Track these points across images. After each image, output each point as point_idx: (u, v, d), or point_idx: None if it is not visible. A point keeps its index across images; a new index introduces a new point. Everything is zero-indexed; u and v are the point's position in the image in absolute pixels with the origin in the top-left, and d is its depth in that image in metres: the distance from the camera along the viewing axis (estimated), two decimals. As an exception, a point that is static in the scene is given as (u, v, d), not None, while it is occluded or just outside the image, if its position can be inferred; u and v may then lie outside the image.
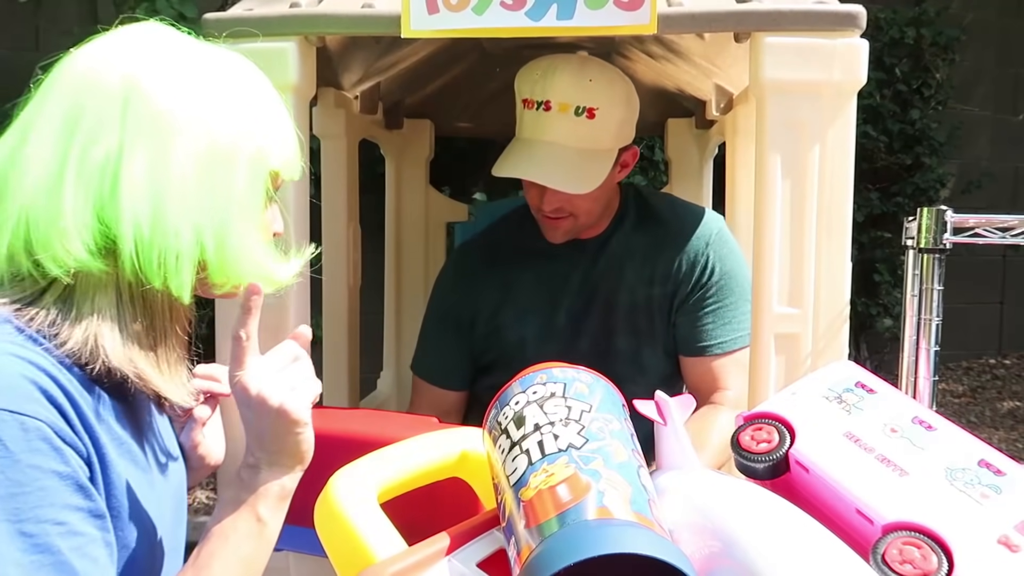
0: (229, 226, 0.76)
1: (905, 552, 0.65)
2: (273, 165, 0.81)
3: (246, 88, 0.81)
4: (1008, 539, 0.65)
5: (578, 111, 1.41)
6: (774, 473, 0.76)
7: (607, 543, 0.63)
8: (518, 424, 0.80)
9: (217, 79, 0.79)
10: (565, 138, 1.41)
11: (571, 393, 0.81)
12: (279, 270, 0.83)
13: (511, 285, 1.56)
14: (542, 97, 1.41)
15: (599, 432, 0.75)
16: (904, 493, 0.69)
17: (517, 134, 1.46)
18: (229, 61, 0.83)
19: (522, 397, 0.82)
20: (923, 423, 0.75)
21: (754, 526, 0.63)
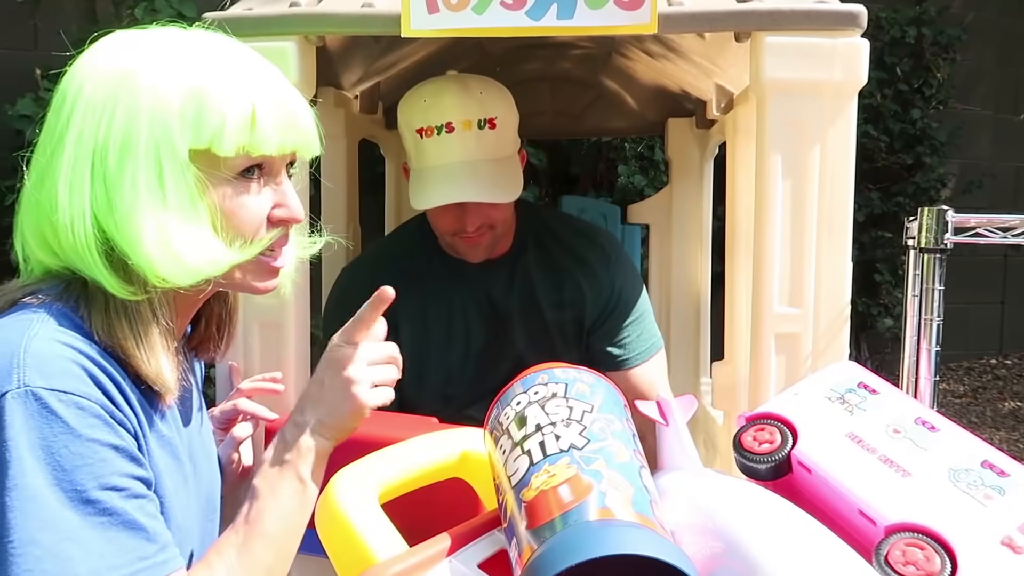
0: (125, 214, 0.74)
1: (908, 553, 0.64)
2: (195, 145, 0.75)
3: (161, 75, 0.76)
4: (1011, 540, 0.65)
5: (480, 124, 1.40)
6: (776, 474, 0.76)
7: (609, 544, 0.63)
8: (520, 424, 0.79)
9: (124, 77, 0.75)
10: (476, 153, 1.39)
11: (573, 393, 0.80)
12: (205, 262, 0.76)
13: (414, 306, 1.49)
14: (440, 120, 1.38)
15: (601, 433, 0.75)
16: (907, 494, 0.69)
17: (418, 164, 1.41)
18: (160, 53, 0.78)
19: (523, 397, 0.82)
20: (926, 424, 0.75)
21: (756, 527, 0.63)
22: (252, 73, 0.79)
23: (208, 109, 0.75)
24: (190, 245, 0.75)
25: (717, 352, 1.87)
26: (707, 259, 2.09)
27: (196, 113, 0.75)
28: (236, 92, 0.76)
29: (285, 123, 0.79)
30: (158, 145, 0.74)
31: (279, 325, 1.21)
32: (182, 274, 0.76)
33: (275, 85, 0.81)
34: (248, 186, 0.79)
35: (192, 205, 0.76)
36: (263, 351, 1.22)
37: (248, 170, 0.79)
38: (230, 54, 0.80)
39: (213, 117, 0.75)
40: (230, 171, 0.77)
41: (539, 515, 0.69)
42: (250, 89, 0.77)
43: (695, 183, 2.10)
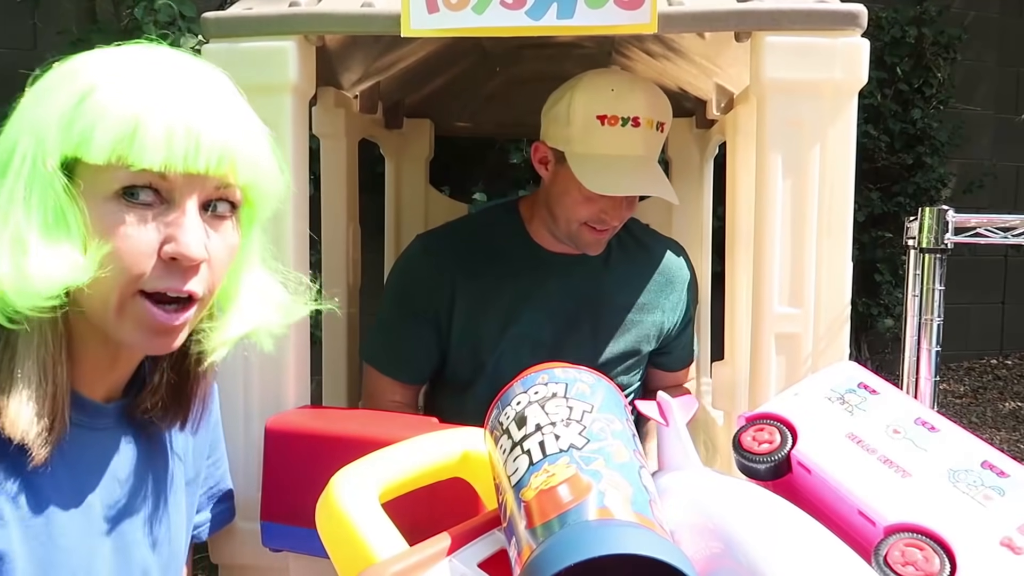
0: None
1: (907, 554, 0.64)
2: (67, 148, 0.66)
3: (63, 84, 0.68)
4: (1011, 541, 0.65)
5: (658, 126, 1.46)
6: (776, 474, 0.76)
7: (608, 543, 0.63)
8: (519, 424, 0.79)
9: (36, 88, 0.69)
10: (651, 151, 1.45)
11: (573, 393, 0.80)
12: (41, 273, 0.64)
13: (490, 288, 1.53)
14: (630, 113, 1.41)
15: (600, 432, 0.75)
16: (906, 494, 0.69)
17: (588, 149, 1.43)
18: (78, 66, 0.70)
19: (524, 397, 0.81)
20: (926, 424, 0.75)
21: (756, 527, 0.63)
22: (164, 82, 0.69)
23: (86, 110, 0.66)
24: (42, 263, 0.64)
25: (717, 352, 1.87)
26: (707, 259, 2.09)
27: (73, 114, 0.66)
28: (125, 95, 0.66)
29: (179, 138, 0.67)
30: (31, 155, 0.66)
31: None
32: (27, 296, 0.65)
33: (184, 99, 0.69)
34: (132, 209, 0.68)
35: (56, 221, 0.65)
36: (263, 351, 1.21)
37: (134, 190, 0.68)
38: (133, 59, 0.70)
39: (87, 118, 0.66)
40: (111, 187, 0.67)
41: (538, 515, 0.68)
42: (142, 97, 0.67)
43: (695, 183, 2.10)
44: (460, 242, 1.57)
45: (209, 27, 1.20)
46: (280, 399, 1.22)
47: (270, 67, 1.18)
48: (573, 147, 1.44)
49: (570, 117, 1.45)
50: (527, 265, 1.54)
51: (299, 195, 1.22)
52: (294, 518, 1.12)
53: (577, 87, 1.46)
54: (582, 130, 1.43)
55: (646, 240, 1.67)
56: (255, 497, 1.19)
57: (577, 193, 1.45)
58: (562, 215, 1.49)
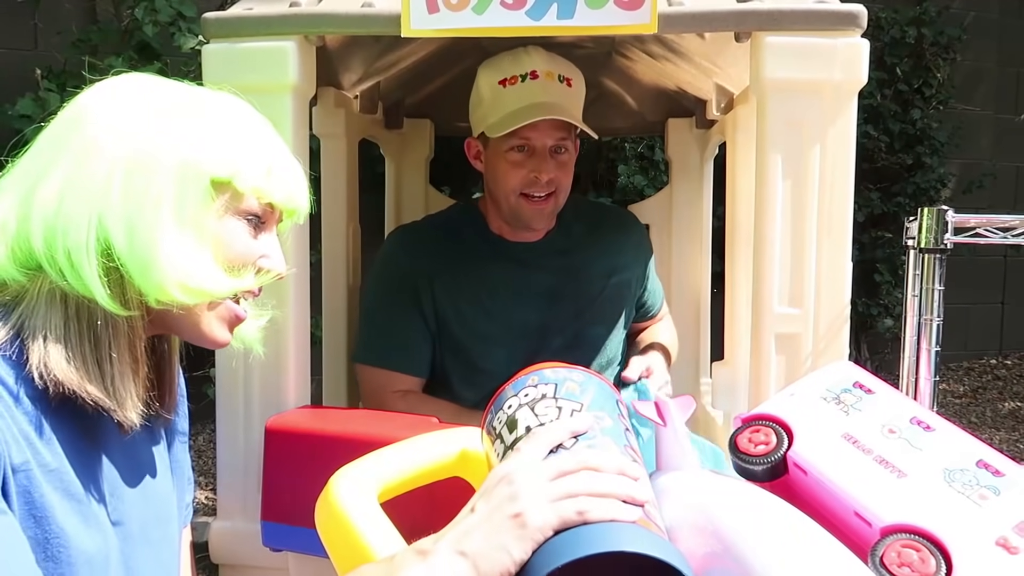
0: (141, 222, 0.75)
1: (903, 555, 0.64)
2: (218, 174, 0.80)
3: (193, 110, 0.82)
4: (1007, 540, 0.65)
5: (560, 78, 1.50)
6: (772, 475, 0.76)
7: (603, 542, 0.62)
8: (511, 428, 0.79)
9: (157, 105, 0.80)
10: (556, 98, 1.48)
11: (562, 393, 0.80)
12: (209, 283, 0.79)
13: (470, 279, 1.55)
14: (525, 70, 1.46)
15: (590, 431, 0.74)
16: (902, 495, 0.69)
17: (498, 113, 1.47)
18: (188, 94, 0.84)
19: (514, 400, 0.81)
20: (921, 423, 0.75)
21: (754, 527, 0.63)
22: (267, 130, 0.87)
23: (233, 145, 0.81)
24: (198, 266, 0.78)
25: (717, 352, 1.87)
26: (707, 259, 2.09)
27: (222, 146, 0.80)
28: (258, 141, 0.84)
29: (292, 181, 0.86)
30: (186, 167, 0.78)
31: (279, 325, 1.21)
32: (189, 292, 0.77)
33: (285, 150, 0.88)
34: (249, 229, 0.84)
35: (204, 231, 0.79)
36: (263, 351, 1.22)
37: (254, 216, 0.84)
38: (249, 112, 0.87)
39: (238, 153, 0.81)
40: (239, 210, 0.82)
41: None
42: (268, 143, 0.85)
43: (695, 183, 2.10)
44: (433, 236, 1.60)
45: (209, 27, 1.20)
46: (280, 399, 1.22)
47: (270, 67, 1.18)
48: (488, 120, 1.49)
49: (481, 96, 1.52)
50: (494, 258, 1.57)
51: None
52: (294, 518, 1.12)
53: (481, 70, 1.53)
54: (491, 102, 1.49)
55: (596, 212, 1.73)
56: (255, 497, 1.19)
57: (504, 163, 1.49)
58: (500, 194, 1.52)
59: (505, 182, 1.50)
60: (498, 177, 1.51)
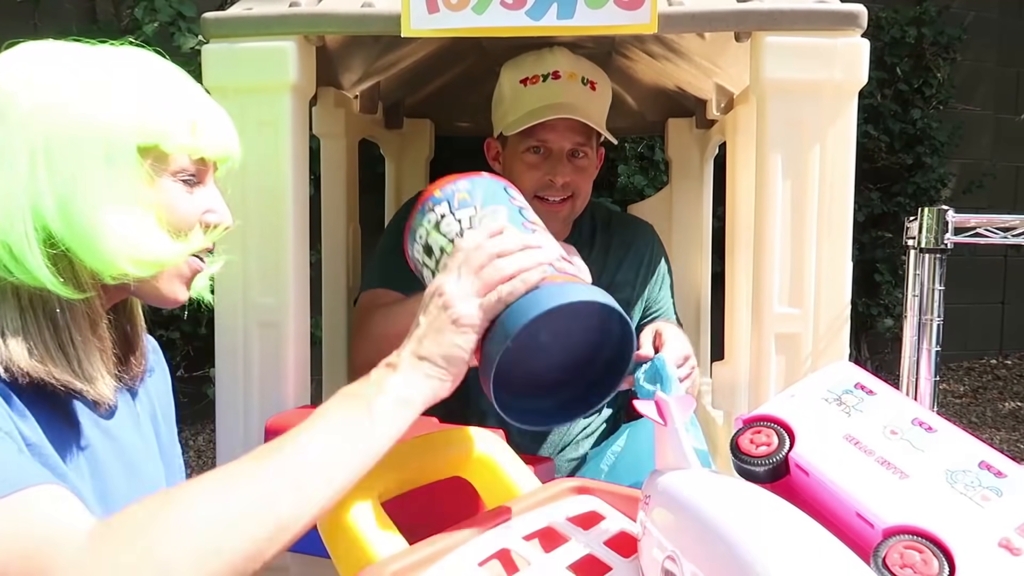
0: (76, 203, 0.74)
1: (906, 556, 0.64)
2: (143, 141, 0.78)
3: (104, 78, 0.79)
4: (1009, 542, 0.65)
5: (583, 81, 1.47)
6: (774, 477, 0.75)
7: (524, 315, 0.75)
8: (428, 253, 0.90)
9: (66, 78, 0.77)
10: (577, 100, 1.45)
11: (456, 206, 0.89)
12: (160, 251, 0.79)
13: None
14: (548, 69, 1.44)
15: (491, 225, 0.86)
16: (904, 496, 0.69)
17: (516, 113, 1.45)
18: (95, 60, 0.80)
19: (422, 230, 0.91)
20: (923, 424, 0.75)
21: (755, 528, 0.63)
22: (189, 85, 0.85)
23: (154, 109, 0.79)
24: (146, 236, 0.78)
25: (717, 352, 1.87)
26: (707, 259, 2.09)
27: (143, 112, 0.78)
28: (178, 98, 0.82)
29: (219, 133, 0.85)
30: (109, 140, 0.76)
31: (279, 325, 1.21)
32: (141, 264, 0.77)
33: (209, 100, 0.86)
34: (187, 188, 0.83)
35: (143, 198, 0.78)
36: (262, 351, 1.22)
37: (188, 174, 0.82)
38: (167, 68, 0.85)
39: (159, 116, 0.79)
40: (172, 171, 0.81)
41: None
42: (190, 100, 0.83)
43: (695, 183, 2.10)
44: None
45: (209, 27, 1.20)
46: (280, 399, 1.22)
47: (270, 67, 1.18)
48: (507, 119, 1.48)
49: (502, 95, 1.50)
50: None
51: (299, 195, 1.22)
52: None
53: (504, 69, 1.51)
54: (511, 100, 1.47)
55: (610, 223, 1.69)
56: (255, 497, 1.19)
57: (520, 164, 1.47)
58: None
59: (520, 183, 1.47)
60: (513, 178, 1.48)
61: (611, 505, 0.87)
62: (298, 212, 1.22)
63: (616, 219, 1.71)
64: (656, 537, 0.70)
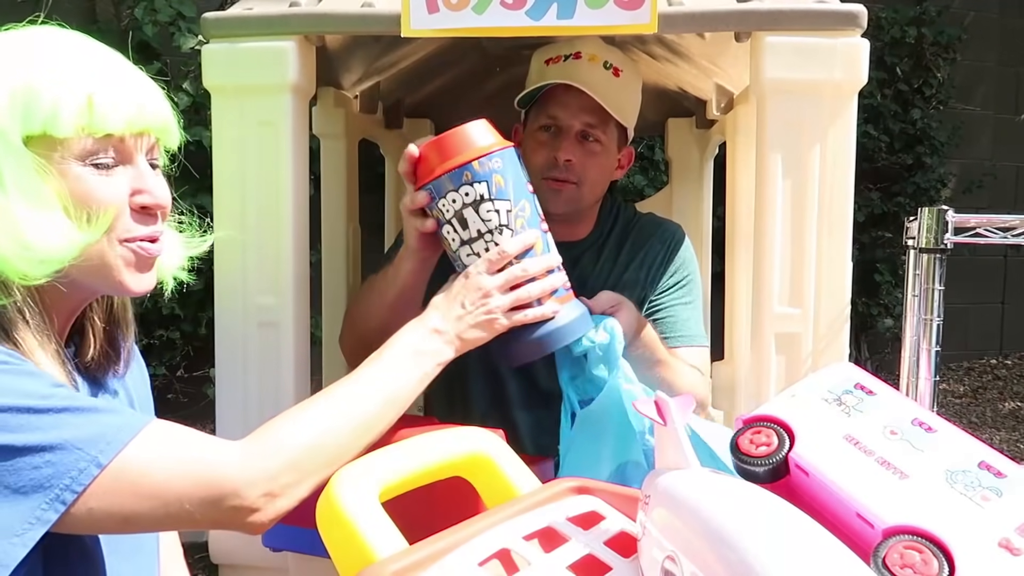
0: None
1: (906, 556, 0.64)
2: (27, 130, 0.73)
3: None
4: (1009, 542, 0.65)
5: (606, 65, 1.42)
6: (773, 477, 0.75)
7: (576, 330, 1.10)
8: (462, 224, 1.05)
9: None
10: (596, 84, 1.39)
11: (494, 192, 1.04)
12: (48, 245, 0.73)
13: None
14: (571, 50, 1.41)
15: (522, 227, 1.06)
16: (904, 496, 0.69)
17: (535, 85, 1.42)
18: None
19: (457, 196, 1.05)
20: (923, 425, 0.75)
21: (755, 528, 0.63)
22: (87, 58, 0.78)
23: (38, 95, 0.73)
24: (39, 232, 0.73)
25: (717, 352, 1.87)
26: (707, 259, 2.09)
27: (25, 99, 0.73)
28: (69, 76, 0.75)
29: (127, 103, 0.77)
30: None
31: (279, 325, 1.21)
32: (36, 264, 0.73)
33: (115, 68, 0.79)
34: (99, 171, 0.77)
35: (36, 192, 0.73)
36: (263, 351, 1.22)
37: (99, 155, 0.76)
38: (62, 43, 0.79)
39: (43, 101, 0.73)
40: (78, 155, 0.75)
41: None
42: (85, 72, 0.76)
43: (695, 183, 2.10)
44: None
45: (209, 27, 1.20)
46: (280, 399, 1.22)
47: (270, 67, 1.18)
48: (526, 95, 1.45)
49: (530, 78, 1.47)
50: None
51: (299, 195, 1.22)
52: (294, 518, 1.12)
53: (535, 53, 1.49)
54: (534, 78, 1.45)
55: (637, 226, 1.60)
56: (255, 497, 1.19)
57: (531, 142, 1.44)
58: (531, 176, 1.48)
59: (530, 162, 1.41)
60: (527, 157, 1.42)
61: (611, 505, 0.87)
62: (298, 212, 1.22)
63: (643, 220, 1.62)
64: (656, 537, 0.70)
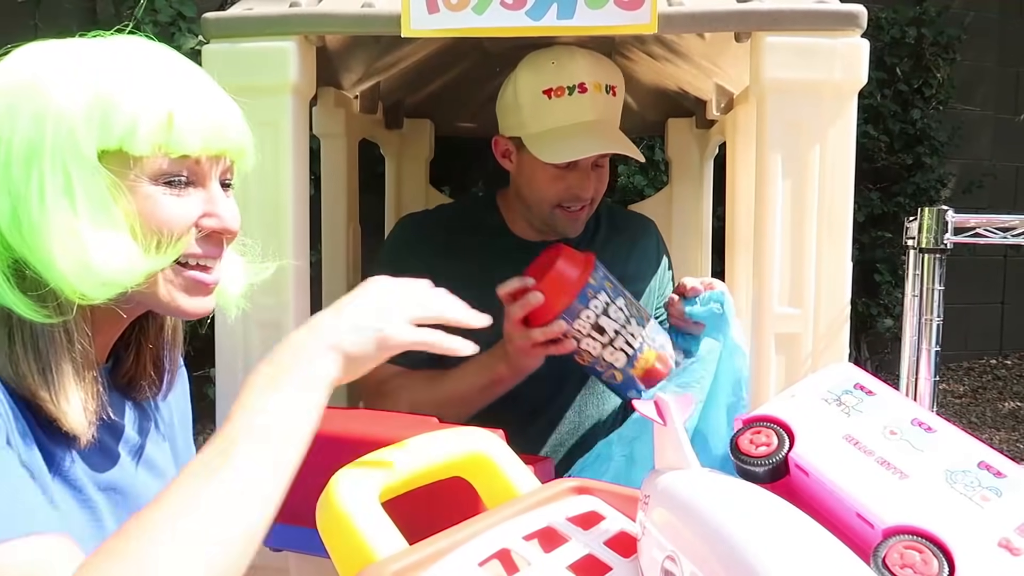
0: (32, 225, 0.68)
1: (906, 556, 0.64)
2: (103, 144, 0.70)
3: (64, 73, 0.71)
4: (1009, 542, 0.65)
5: (607, 89, 1.45)
6: (773, 477, 0.76)
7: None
8: (600, 332, 1.33)
9: (34, 79, 0.70)
10: (605, 114, 1.44)
11: (612, 294, 1.36)
12: (118, 271, 0.70)
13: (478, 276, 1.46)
14: (573, 81, 1.41)
15: (636, 311, 1.39)
16: (904, 496, 0.69)
17: (541, 126, 1.43)
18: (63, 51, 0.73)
19: (588, 312, 1.32)
20: (922, 425, 0.75)
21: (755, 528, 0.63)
22: (169, 74, 0.75)
23: (117, 108, 0.70)
24: (103, 254, 0.69)
25: (717, 352, 1.87)
26: (707, 259, 2.09)
27: (103, 113, 0.70)
28: (149, 91, 0.72)
29: (205, 123, 0.74)
30: (63, 149, 0.69)
31: (279, 325, 1.21)
32: (98, 287, 0.70)
33: (197, 86, 0.76)
34: (172, 190, 0.74)
35: (105, 210, 0.70)
36: (263, 351, 1.21)
37: (173, 175, 0.74)
38: (145, 56, 0.75)
39: (122, 115, 0.70)
40: (151, 174, 0.72)
41: (654, 379, 1.36)
42: (166, 89, 0.73)
43: (695, 183, 2.10)
44: (442, 229, 1.56)
45: (209, 27, 1.20)
46: (280, 399, 1.22)
47: (270, 67, 1.18)
48: (527, 129, 1.45)
49: (519, 101, 1.46)
50: (509, 257, 1.52)
51: (299, 195, 1.22)
52: (294, 517, 1.12)
53: (519, 69, 1.47)
54: (532, 110, 1.44)
55: (621, 220, 1.70)
56: (255, 497, 1.18)
57: (542, 174, 1.45)
58: (534, 201, 1.49)
59: (542, 193, 1.47)
60: (534, 186, 1.48)
61: (611, 505, 0.87)
62: (298, 212, 1.22)
63: (615, 213, 1.72)
64: (655, 537, 0.70)
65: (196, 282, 0.78)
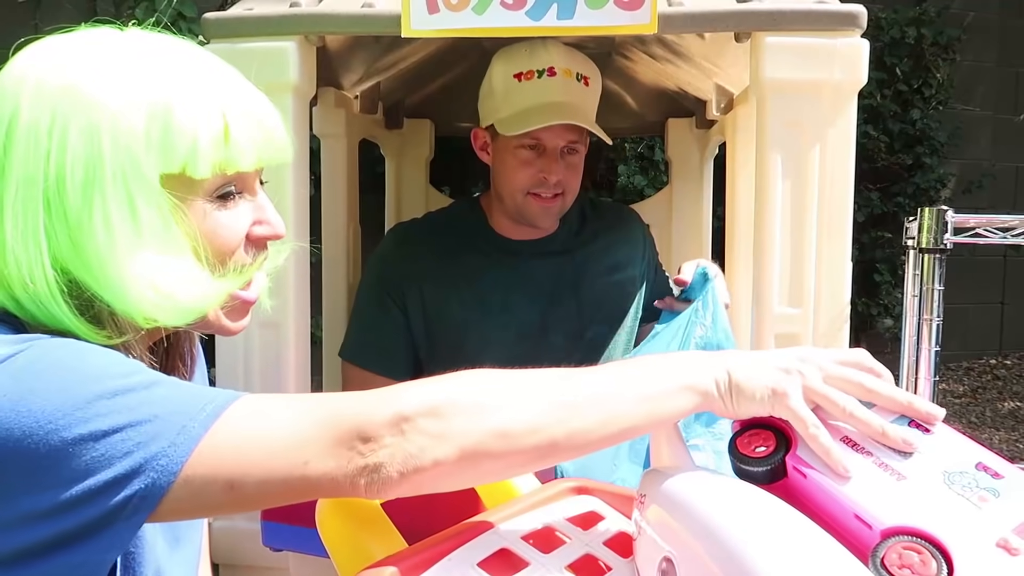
0: (98, 256, 0.65)
1: (904, 557, 0.64)
2: (165, 169, 0.67)
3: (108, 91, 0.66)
4: (1007, 542, 0.65)
5: (578, 77, 1.46)
6: (772, 478, 0.75)
7: None
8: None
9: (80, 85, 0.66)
10: (572, 98, 1.44)
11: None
12: (198, 296, 0.68)
13: (467, 278, 1.53)
14: (543, 65, 1.43)
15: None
16: (902, 497, 0.69)
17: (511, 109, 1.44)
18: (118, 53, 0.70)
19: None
20: (920, 426, 0.75)
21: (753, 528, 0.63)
22: (220, 81, 0.70)
23: (177, 128, 0.66)
24: (180, 281, 0.67)
25: (717, 352, 1.87)
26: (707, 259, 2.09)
27: (164, 133, 0.66)
28: (206, 106, 0.68)
29: (259, 135, 0.72)
30: (125, 173, 0.65)
31: (279, 325, 1.21)
32: (177, 313, 0.68)
33: (245, 93, 0.72)
34: (225, 204, 0.72)
35: (170, 234, 0.68)
36: (263, 351, 1.22)
37: (225, 189, 0.71)
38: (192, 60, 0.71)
39: (184, 137, 0.66)
40: (206, 192, 0.70)
41: None
42: (220, 100, 0.69)
43: (695, 183, 2.10)
44: (430, 235, 1.58)
45: (210, 27, 1.20)
46: (280, 399, 1.22)
47: (271, 67, 1.18)
48: (499, 114, 1.47)
49: (493, 87, 1.48)
50: (492, 255, 1.54)
51: (299, 195, 1.22)
52: (294, 517, 1.13)
53: (495, 60, 1.50)
54: (503, 94, 1.46)
55: (597, 209, 1.70)
56: (255, 497, 1.19)
57: (512, 159, 1.47)
58: (506, 190, 1.50)
59: (512, 179, 1.48)
60: (506, 173, 1.49)
61: (610, 505, 0.87)
62: (298, 212, 1.22)
63: (599, 205, 1.73)
64: (651, 537, 0.70)
65: (243, 302, 0.77)
